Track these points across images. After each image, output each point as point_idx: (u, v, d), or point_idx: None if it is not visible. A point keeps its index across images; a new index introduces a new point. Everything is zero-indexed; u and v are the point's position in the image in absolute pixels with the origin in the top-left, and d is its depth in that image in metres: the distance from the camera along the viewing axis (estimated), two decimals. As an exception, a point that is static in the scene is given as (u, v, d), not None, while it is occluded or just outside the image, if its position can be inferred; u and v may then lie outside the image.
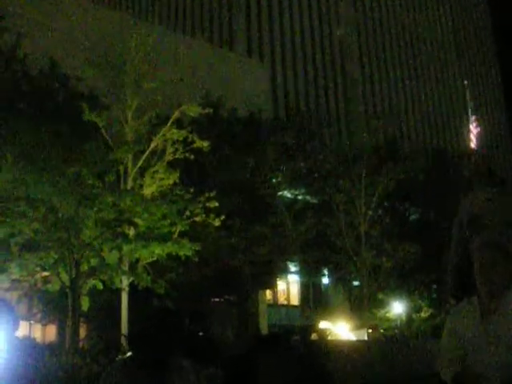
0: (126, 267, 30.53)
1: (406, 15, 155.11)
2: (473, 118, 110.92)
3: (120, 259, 30.13)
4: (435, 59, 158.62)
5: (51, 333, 43.05)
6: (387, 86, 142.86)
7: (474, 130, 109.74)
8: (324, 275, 62.95)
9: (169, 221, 30.96)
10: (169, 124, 31.96)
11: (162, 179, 31.51)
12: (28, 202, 28.15)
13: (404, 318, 58.03)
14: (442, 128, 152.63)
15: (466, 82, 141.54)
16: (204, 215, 31.85)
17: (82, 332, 36.21)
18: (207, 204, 31.63)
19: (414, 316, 58.81)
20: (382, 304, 55.85)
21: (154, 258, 30.95)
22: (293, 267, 57.19)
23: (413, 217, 61.21)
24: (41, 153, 28.11)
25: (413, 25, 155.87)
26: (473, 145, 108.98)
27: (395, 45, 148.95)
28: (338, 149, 56.34)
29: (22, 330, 34.32)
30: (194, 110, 32.85)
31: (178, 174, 31.41)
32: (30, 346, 26.76)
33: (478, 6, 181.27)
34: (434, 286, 57.87)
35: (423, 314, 58.52)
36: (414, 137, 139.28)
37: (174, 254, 30.90)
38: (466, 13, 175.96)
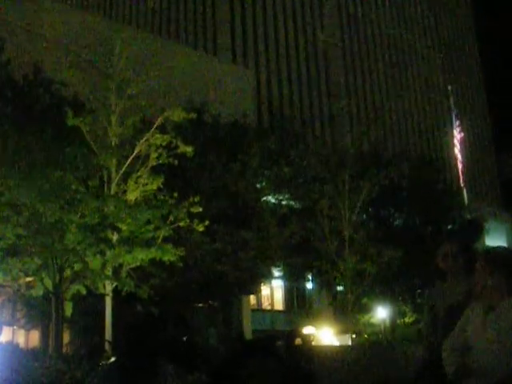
0: (109, 272, 30.46)
1: (391, 21, 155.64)
2: (457, 123, 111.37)
3: (103, 264, 30.06)
4: (419, 64, 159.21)
5: (34, 338, 42.93)
6: (371, 91, 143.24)
7: (457, 135, 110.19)
8: (308, 280, 63.01)
9: (152, 226, 30.92)
10: (153, 129, 31.92)
11: (146, 184, 31.44)
12: (11, 207, 28.09)
13: (388, 323, 58.12)
14: (425, 133, 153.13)
15: (449, 88, 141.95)
16: (188, 220, 31.81)
17: (66, 337, 36.11)
18: (191, 209, 31.60)
19: (398, 321, 58.93)
20: (366, 309, 55.92)
21: (138, 263, 30.89)
22: (277, 272, 57.22)
23: (397, 222, 61.38)
24: (25, 157, 28.07)
25: (397, 30, 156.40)
26: (456, 150, 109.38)
27: (379, 50, 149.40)
28: (322, 154, 56.28)
29: (5, 335, 34.17)
30: (177, 115, 32.77)
31: (162, 179, 31.39)
32: (13, 352, 26.66)
33: (461, 12, 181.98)
34: (419, 291, 58.02)
35: (407, 319, 58.68)
36: (397, 142, 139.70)
37: (157, 259, 30.87)
38: (451, 19, 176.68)
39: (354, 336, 54.00)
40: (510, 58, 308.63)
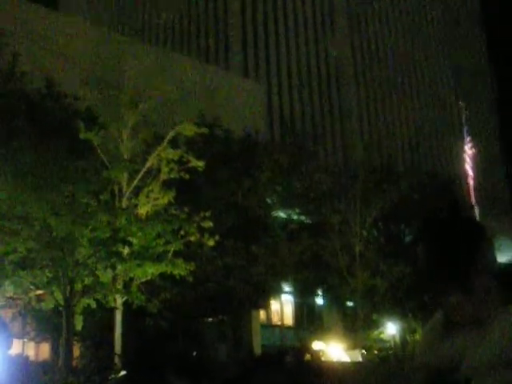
0: (119, 286, 30.51)
1: (402, 37, 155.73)
2: (468, 139, 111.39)
3: (114, 278, 30.11)
4: (431, 80, 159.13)
5: (45, 351, 42.96)
6: (382, 106, 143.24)
7: (468, 151, 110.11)
8: (318, 295, 62.86)
9: (163, 240, 30.94)
10: (164, 143, 31.98)
11: (157, 199, 31.49)
12: (23, 221, 28.19)
13: (398, 340, 57.90)
14: (437, 149, 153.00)
15: (461, 104, 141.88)
16: (198, 235, 31.83)
17: (76, 350, 36.14)
18: (202, 224, 31.61)
19: (407, 337, 58.65)
20: (376, 325, 55.72)
21: (148, 277, 30.91)
22: (287, 287, 57.12)
23: (408, 238, 61.18)
24: (37, 171, 28.18)
25: (409, 46, 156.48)
26: (467, 166, 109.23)
27: (390, 66, 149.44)
28: (333, 169, 56.37)
29: (16, 347, 34.22)
30: (189, 130, 32.86)
31: (173, 194, 31.42)
32: (23, 364, 26.73)
33: (473, 27, 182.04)
34: (429, 308, 57.80)
35: (417, 336, 58.34)
36: (408, 157, 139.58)
37: (168, 273, 30.89)
38: (462, 34, 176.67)
39: (363, 352, 53.73)
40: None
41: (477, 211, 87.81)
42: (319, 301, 65.12)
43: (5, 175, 27.72)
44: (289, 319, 65.68)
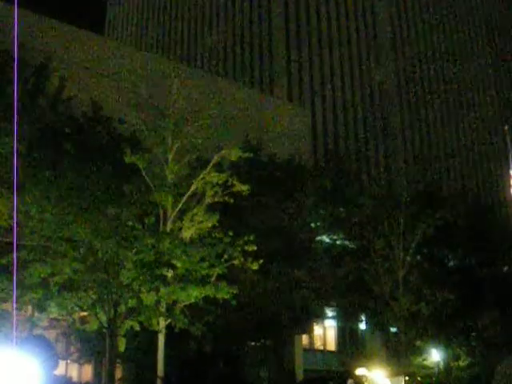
0: (163, 309, 30.57)
1: (447, 60, 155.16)
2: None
3: (157, 301, 30.19)
4: (476, 104, 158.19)
5: (87, 372, 43.21)
6: (426, 130, 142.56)
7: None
8: (361, 320, 62.50)
9: (207, 263, 30.95)
10: (209, 167, 32.06)
11: (201, 222, 31.52)
12: (69, 242, 28.45)
13: (442, 366, 57.20)
14: (481, 174, 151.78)
15: (506, 127, 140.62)
16: (242, 259, 31.79)
17: (118, 372, 36.31)
18: (245, 247, 31.57)
19: (452, 364, 57.93)
20: (419, 351, 55.13)
21: (192, 301, 30.95)
22: (330, 312, 56.90)
23: (452, 263, 60.62)
24: (82, 193, 28.47)
25: (453, 69, 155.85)
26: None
27: (434, 89, 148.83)
28: (377, 193, 56.05)
29: (59, 368, 34.46)
30: (234, 154, 32.92)
31: (218, 218, 31.44)
32: (66, 386, 26.92)
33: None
34: (473, 334, 57.15)
35: (461, 363, 57.65)
36: (452, 182, 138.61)
37: (211, 296, 30.90)
38: (508, 60, 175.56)
39: (407, 378, 53.21)
40: None
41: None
42: (362, 326, 64.80)
43: (50, 197, 28.03)
44: (331, 344, 65.46)
